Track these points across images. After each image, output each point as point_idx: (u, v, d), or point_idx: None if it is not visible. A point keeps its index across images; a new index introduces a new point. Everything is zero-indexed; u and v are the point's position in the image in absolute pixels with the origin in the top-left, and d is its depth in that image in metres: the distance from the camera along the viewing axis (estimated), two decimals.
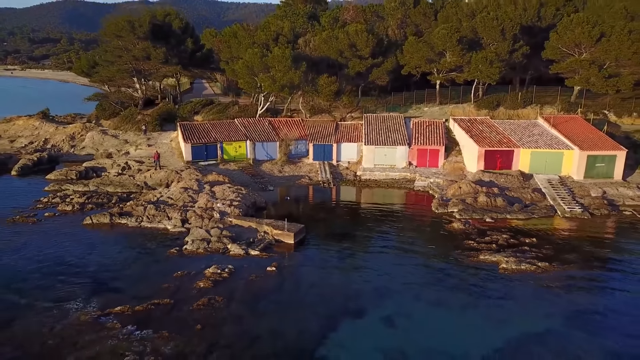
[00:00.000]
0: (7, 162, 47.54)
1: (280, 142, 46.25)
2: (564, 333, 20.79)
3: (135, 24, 58.06)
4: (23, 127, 60.27)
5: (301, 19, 71.99)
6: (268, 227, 30.62)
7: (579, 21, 47.60)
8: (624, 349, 19.62)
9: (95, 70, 64.90)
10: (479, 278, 25.29)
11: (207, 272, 25.15)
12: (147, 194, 36.80)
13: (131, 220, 32.26)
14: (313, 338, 20.10)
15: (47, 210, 34.78)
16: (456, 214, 34.11)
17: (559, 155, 40.87)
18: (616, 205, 36.19)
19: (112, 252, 28.31)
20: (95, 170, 44.57)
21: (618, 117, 49.38)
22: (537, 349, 19.63)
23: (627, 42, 45.03)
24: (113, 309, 21.63)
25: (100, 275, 25.35)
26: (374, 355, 19.15)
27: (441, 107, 53.02)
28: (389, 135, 45.30)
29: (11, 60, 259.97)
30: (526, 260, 26.72)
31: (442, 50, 50.89)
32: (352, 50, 52.68)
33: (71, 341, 19.53)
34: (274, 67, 48.30)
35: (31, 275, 25.10)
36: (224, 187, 36.60)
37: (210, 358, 18.71)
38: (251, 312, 21.91)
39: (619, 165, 39.83)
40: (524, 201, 36.55)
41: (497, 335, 20.54)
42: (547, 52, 50.31)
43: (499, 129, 44.56)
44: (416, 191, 40.64)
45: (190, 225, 31.39)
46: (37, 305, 22.16)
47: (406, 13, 71.93)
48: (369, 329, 20.95)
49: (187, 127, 47.05)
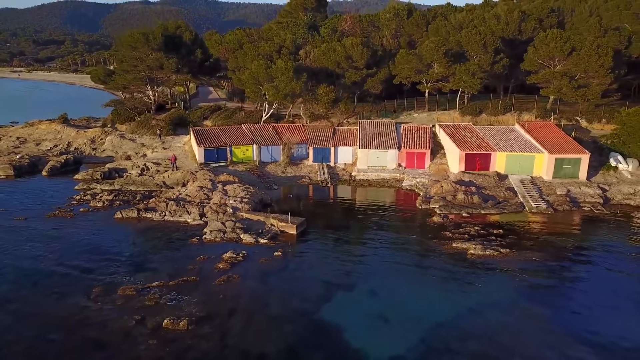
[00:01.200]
0: (37, 164, 52.69)
1: (283, 145, 51.43)
2: (513, 301, 25.95)
3: (149, 37, 62.98)
4: (46, 131, 65.42)
5: (302, 30, 77.09)
6: (274, 220, 35.80)
7: (553, 37, 52.76)
8: (555, 315, 24.75)
9: (111, 78, 70.05)
10: (450, 261, 30.44)
11: (224, 256, 30.30)
12: (167, 192, 42.02)
13: (156, 215, 37.43)
14: (313, 305, 25.25)
15: (81, 206, 39.92)
16: (437, 210, 39.29)
17: (531, 158, 46.06)
18: (578, 202, 41.38)
19: (143, 240, 33.52)
20: (117, 171, 49.72)
21: (589, 123, 54.62)
22: (490, 312, 24.79)
23: (595, 56, 50.24)
24: (151, 284, 26.80)
25: (136, 258, 30.53)
26: (361, 318, 24.30)
27: (429, 113, 58.19)
28: (381, 139, 50.48)
29: (17, 62, 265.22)
30: (491, 247, 31.90)
31: (430, 62, 56.04)
32: (349, 61, 57.88)
33: (121, 307, 24.68)
34: (277, 78, 53.45)
35: (79, 258, 30.26)
36: (234, 186, 41.77)
37: (231, 319, 23.86)
38: (262, 286, 27.09)
39: (583, 167, 45.00)
40: (498, 198, 41.72)
41: (460, 303, 25.69)
42: (525, 64, 55.48)
43: (479, 134, 49.73)
44: (404, 190, 45.84)
45: (207, 218, 36.57)
46: (89, 281, 27.32)
47: (400, 24, 77.18)
48: (357, 299, 26.14)
49: (200, 132, 52.25)
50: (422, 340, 22.47)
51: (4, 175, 49.24)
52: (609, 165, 46.50)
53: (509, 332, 23.12)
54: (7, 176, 49.13)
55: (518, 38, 61.13)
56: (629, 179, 44.87)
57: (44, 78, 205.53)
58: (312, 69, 58.50)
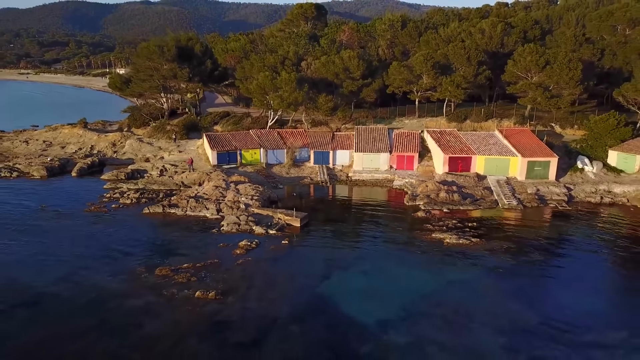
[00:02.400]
0: (66, 165, 58.68)
1: (287, 149, 57.41)
2: (477, 278, 31.89)
3: (164, 49, 68.99)
4: (69, 135, 71.42)
5: (303, 40, 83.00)
6: (280, 215, 41.76)
7: (530, 51, 58.75)
8: (510, 289, 30.70)
9: (127, 86, 76.03)
10: (429, 248, 36.41)
11: (240, 244, 36.24)
12: (187, 191, 47.99)
13: (178, 210, 43.39)
14: (314, 282, 31.19)
15: (112, 203, 45.90)
16: (421, 206, 45.28)
17: (506, 161, 52.07)
18: (545, 199, 47.38)
19: (170, 231, 39.46)
20: (139, 172, 55.69)
21: (562, 129, 60.62)
22: (457, 286, 30.73)
23: (566, 69, 56.20)
24: (182, 266, 32.76)
25: (166, 246, 36.48)
26: (353, 291, 30.22)
27: (419, 120, 64.15)
28: (374, 144, 56.46)
29: (24, 65, 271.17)
30: (464, 237, 37.87)
31: (419, 73, 62.00)
32: (346, 72, 63.88)
33: (160, 282, 30.61)
34: (282, 88, 59.43)
35: (119, 246, 36.22)
36: (245, 186, 47.74)
37: (249, 292, 29.80)
38: (272, 267, 33.05)
39: (552, 168, 50.99)
40: (475, 196, 47.70)
41: (435, 280, 31.64)
42: (505, 76, 61.47)
43: (462, 139, 55.70)
44: (394, 189, 51.84)
45: (223, 213, 42.52)
46: (132, 263, 33.31)
47: (395, 34, 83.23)
48: (351, 277, 32.12)
49: (212, 137, 58.22)
50: (403, 308, 28.40)
51: (38, 176, 55.22)
52: (576, 167, 52.51)
53: (471, 302, 29.05)
54: (41, 176, 55.10)
55: (500, 51, 67.15)
56: (593, 179, 50.87)
57: (51, 80, 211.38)
58: (313, 80, 64.51)
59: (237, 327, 26.23)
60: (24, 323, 26.37)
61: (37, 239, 37.23)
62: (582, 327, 26.65)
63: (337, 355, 24.14)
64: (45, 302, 28.35)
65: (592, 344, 25.21)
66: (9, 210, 43.66)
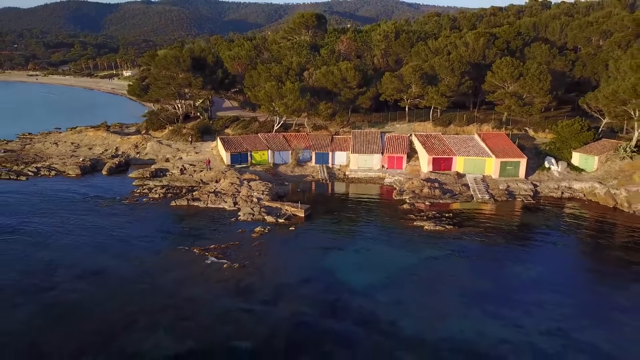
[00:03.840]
0: (96, 165, 66.46)
1: (291, 150, 65.17)
2: (447, 256, 39.68)
3: (180, 59, 76.74)
4: (94, 137, 79.23)
5: (305, 50, 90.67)
6: (287, 207, 49.55)
7: (506, 64, 66.55)
8: (472, 263, 38.50)
9: (145, 92, 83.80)
10: (410, 233, 44.20)
11: (255, 230, 44.03)
12: (206, 187, 55.77)
13: (201, 203, 51.19)
14: (316, 258, 38.98)
15: (143, 197, 53.68)
16: (407, 200, 53.09)
17: (483, 161, 59.87)
18: (514, 194, 55.20)
19: (196, 220, 47.24)
20: (161, 171, 63.45)
21: (535, 133, 68.37)
22: (431, 262, 38.54)
23: (536, 80, 63.98)
24: (210, 246, 40.59)
25: (193, 232, 44.24)
26: (347, 265, 37.99)
27: (409, 124, 71.94)
28: (368, 146, 64.25)
29: (32, 66, 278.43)
30: (440, 225, 45.71)
31: (408, 83, 69.74)
32: (344, 82, 71.62)
33: (196, 258, 38.41)
34: (286, 96, 67.16)
35: (156, 231, 44.04)
36: (256, 183, 55.55)
37: (265, 265, 37.59)
38: (282, 248, 40.86)
39: (522, 168, 58.79)
40: (454, 192, 55.52)
41: (413, 257, 39.39)
42: (485, 85, 69.27)
43: (445, 142, 63.49)
44: (385, 185, 59.65)
45: (239, 205, 50.32)
46: (170, 243, 41.14)
47: (389, 44, 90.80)
48: (346, 254, 39.93)
49: (226, 140, 66.02)
50: (386, 277, 36.18)
51: (74, 174, 62.99)
52: (544, 167, 60.32)
53: (441, 273, 36.86)
54: (76, 175, 62.88)
55: (482, 62, 74.90)
56: (557, 177, 58.70)
57: (61, 82, 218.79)
58: (314, 88, 72.25)
59: (257, 289, 34.07)
60: (94, 288, 34.18)
61: (88, 226, 45.05)
62: (527, 291, 34.45)
63: (335, 308, 31.95)
64: (108, 272, 36.24)
65: (532, 302, 32.89)
66: (59, 203, 51.46)
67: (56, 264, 37.58)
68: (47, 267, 37.20)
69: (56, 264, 37.58)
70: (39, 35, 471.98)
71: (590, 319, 30.96)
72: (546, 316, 31.10)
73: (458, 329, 29.67)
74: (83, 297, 32.88)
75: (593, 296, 34.46)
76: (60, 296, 32.98)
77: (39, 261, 38.05)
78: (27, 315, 30.72)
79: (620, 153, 57.96)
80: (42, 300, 32.46)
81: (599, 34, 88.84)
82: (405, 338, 28.73)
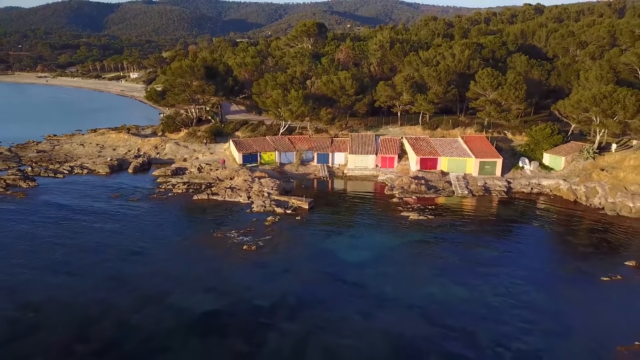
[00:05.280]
0: (122, 164, 74.78)
1: (296, 152, 73.51)
2: (426, 240, 48.01)
3: (194, 68, 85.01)
4: (116, 139, 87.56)
5: (307, 59, 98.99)
6: (294, 200, 57.88)
7: (487, 74, 74.86)
8: (446, 245, 46.86)
9: (162, 98, 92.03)
10: (398, 222, 52.55)
11: (267, 219, 52.37)
12: (222, 183, 64.12)
13: (219, 197, 59.52)
14: (318, 240, 47.35)
15: (168, 192, 62.03)
16: (397, 194, 61.42)
17: (464, 161, 68.22)
18: (490, 190, 63.55)
19: (216, 211, 55.55)
20: (181, 169, 71.74)
21: (513, 136, 76.68)
22: (413, 244, 46.92)
23: (512, 89, 72.29)
24: (230, 231, 48.92)
25: (215, 220, 52.53)
26: (344, 246, 46.33)
27: (401, 128, 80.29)
28: (364, 147, 72.59)
29: (40, 68, 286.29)
30: (423, 215, 54.07)
31: (400, 91, 78.07)
32: (342, 90, 79.93)
33: (219, 241, 46.76)
34: (291, 103, 75.49)
35: (182, 220, 52.45)
36: (266, 180, 63.89)
37: (277, 247, 45.95)
38: (290, 233, 49.20)
39: (498, 167, 67.12)
40: (438, 187, 63.86)
41: (398, 240, 47.78)
42: (469, 93, 77.57)
43: (432, 144, 71.84)
44: (378, 182, 68.03)
45: (252, 199, 58.65)
46: (195, 229, 49.53)
47: (384, 54, 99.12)
48: (343, 238, 48.31)
49: (238, 142, 74.40)
50: (375, 255, 44.53)
51: (103, 173, 71.31)
52: (518, 166, 68.67)
53: (420, 252, 45.20)
54: (105, 173, 71.19)
55: (467, 72, 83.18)
56: (529, 175, 67.05)
57: (70, 84, 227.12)
58: (316, 95, 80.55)
59: (271, 265, 42.46)
60: (139, 263, 42.57)
61: (126, 215, 53.45)
62: (488, 266, 42.76)
63: (334, 279, 40.30)
64: (149, 252, 44.66)
65: (491, 274, 41.13)
66: (97, 197, 59.85)
67: (105, 244, 45.96)
68: (97, 246, 45.56)
69: (105, 244, 45.96)
70: (43, 36, 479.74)
71: (535, 286, 39.32)
72: (500, 283, 39.48)
73: (429, 292, 38.06)
74: (132, 270, 41.24)
75: (540, 269, 42.77)
76: (115, 268, 41.37)
77: (91, 241, 46.44)
78: (94, 282, 39.10)
79: (584, 154, 66.25)
80: (102, 272, 40.81)
81: (575, 44, 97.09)
82: (388, 298, 37.11)
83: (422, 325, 33.69)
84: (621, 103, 60.63)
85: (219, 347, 31.23)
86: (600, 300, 36.96)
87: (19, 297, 36.72)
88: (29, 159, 78.25)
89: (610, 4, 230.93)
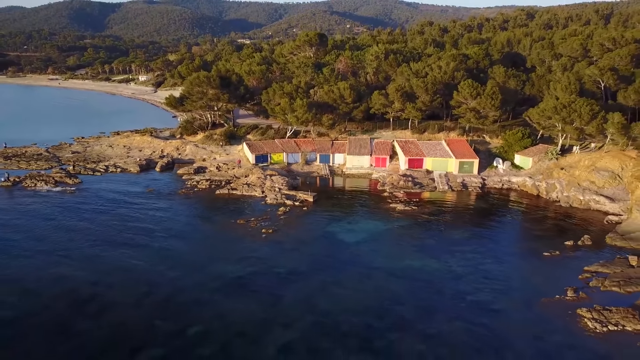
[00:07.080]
0: (150, 164, 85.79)
1: (301, 153, 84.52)
2: (409, 227, 59.03)
3: (210, 78, 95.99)
4: (141, 141, 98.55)
5: (310, 69, 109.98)
6: (300, 194, 68.91)
7: (468, 85, 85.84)
8: (426, 232, 57.90)
9: (180, 104, 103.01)
10: (386, 212, 63.61)
11: (279, 210, 63.41)
12: (239, 180, 75.16)
13: (237, 192, 70.56)
14: (322, 226, 58.40)
15: (194, 188, 73.03)
16: (387, 190, 72.49)
17: (446, 161, 79.30)
18: (467, 186, 74.64)
19: (235, 203, 66.56)
20: (201, 168, 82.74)
21: (491, 139, 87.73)
22: (398, 230, 57.98)
23: (489, 99, 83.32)
24: (250, 219, 60.09)
25: (236, 210, 63.57)
26: (343, 231, 57.35)
27: (393, 132, 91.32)
28: (360, 149, 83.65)
29: (51, 71, 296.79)
30: (409, 206, 65.16)
31: (392, 100, 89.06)
32: (342, 99, 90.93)
33: (241, 226, 57.74)
34: (297, 110, 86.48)
35: (208, 210, 63.57)
36: (277, 177, 74.92)
37: (288, 231, 56.97)
38: (299, 220, 60.25)
39: (475, 166, 78.20)
40: (423, 184, 74.93)
41: (386, 226, 58.82)
42: (452, 102, 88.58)
43: (419, 146, 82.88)
44: (373, 179, 79.12)
45: (266, 193, 69.66)
46: (219, 218, 60.60)
47: (380, 64, 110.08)
48: (341, 224, 59.37)
49: (250, 144, 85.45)
50: (367, 237, 55.54)
51: (134, 171, 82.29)
52: (492, 165, 79.76)
53: (404, 235, 56.27)
54: (136, 171, 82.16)
55: (452, 82, 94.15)
56: (501, 173, 78.15)
57: (82, 87, 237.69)
58: (318, 103, 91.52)
59: (285, 243, 53.55)
60: (180, 242, 53.63)
61: (160, 207, 64.48)
62: (458, 246, 53.77)
63: (334, 253, 51.34)
64: (186, 235, 55.75)
65: (459, 251, 52.10)
66: (133, 192, 70.88)
67: (150, 229, 56.96)
68: (144, 231, 56.55)
69: (150, 229, 56.96)
70: (47, 37, 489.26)
71: (492, 259, 50.40)
72: (465, 258, 50.58)
73: (409, 264, 49.13)
74: (176, 249, 52.29)
75: (499, 248, 53.79)
76: (162, 246, 52.43)
77: (139, 226, 57.47)
78: (147, 257, 50.12)
79: (548, 155, 77.34)
80: (155, 247, 51.85)
81: (550, 56, 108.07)
82: (377, 267, 48.20)
83: (402, 282, 44.86)
84: (577, 112, 71.68)
85: (250, 299, 42.25)
86: (538, 269, 48.09)
87: (96, 265, 47.75)
88: (66, 159, 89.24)
89: (598, 10, 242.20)
